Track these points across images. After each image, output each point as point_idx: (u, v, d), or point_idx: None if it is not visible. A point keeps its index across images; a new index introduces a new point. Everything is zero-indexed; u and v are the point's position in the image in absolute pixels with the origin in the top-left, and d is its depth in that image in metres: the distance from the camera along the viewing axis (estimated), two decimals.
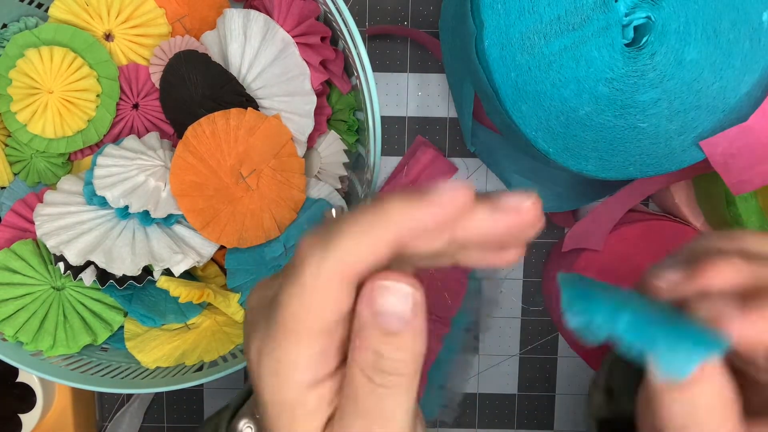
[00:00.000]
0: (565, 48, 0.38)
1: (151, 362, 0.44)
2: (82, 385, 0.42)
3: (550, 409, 0.55)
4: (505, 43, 0.38)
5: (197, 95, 0.44)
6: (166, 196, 0.43)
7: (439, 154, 0.51)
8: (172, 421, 0.54)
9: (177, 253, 0.43)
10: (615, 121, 0.39)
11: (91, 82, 0.44)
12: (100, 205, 0.43)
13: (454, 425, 0.55)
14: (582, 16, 0.37)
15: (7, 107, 0.44)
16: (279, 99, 0.44)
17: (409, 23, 0.50)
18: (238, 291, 0.45)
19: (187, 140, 0.42)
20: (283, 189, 0.44)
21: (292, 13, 0.43)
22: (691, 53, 0.38)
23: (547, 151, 0.40)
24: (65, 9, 0.44)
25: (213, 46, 0.45)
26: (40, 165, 0.46)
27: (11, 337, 0.43)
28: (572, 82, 0.38)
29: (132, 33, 0.45)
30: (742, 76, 0.39)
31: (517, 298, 0.54)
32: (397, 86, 0.51)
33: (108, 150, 0.43)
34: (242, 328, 0.46)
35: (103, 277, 0.43)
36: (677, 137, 0.40)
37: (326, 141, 0.47)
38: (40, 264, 0.44)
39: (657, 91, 0.39)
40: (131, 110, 0.47)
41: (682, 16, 0.38)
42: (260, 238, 0.44)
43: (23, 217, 0.45)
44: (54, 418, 0.50)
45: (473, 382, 0.55)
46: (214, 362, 0.44)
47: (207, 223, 0.43)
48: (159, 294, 0.46)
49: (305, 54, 0.44)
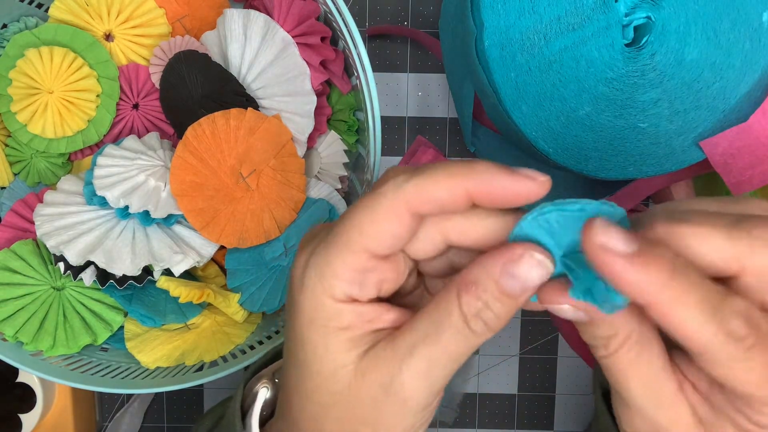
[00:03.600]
0: (565, 48, 0.38)
1: (151, 362, 0.44)
2: (82, 385, 0.42)
3: (550, 409, 0.55)
4: (505, 43, 0.38)
5: (197, 95, 0.44)
6: (166, 196, 0.43)
7: (439, 154, 0.51)
8: (172, 421, 0.54)
9: (177, 253, 0.43)
10: (615, 121, 0.39)
11: (91, 82, 0.44)
12: (100, 205, 0.43)
13: (454, 425, 0.55)
14: (582, 17, 0.37)
15: (7, 107, 0.44)
16: (279, 99, 0.44)
17: (409, 23, 0.50)
18: (238, 291, 0.45)
19: (187, 140, 0.42)
20: (283, 189, 0.44)
21: (292, 13, 0.43)
22: (691, 53, 0.38)
23: (547, 151, 0.40)
24: (65, 9, 0.44)
25: (213, 46, 0.45)
26: (40, 165, 0.46)
27: (11, 337, 0.43)
28: (572, 82, 0.39)
29: (132, 33, 0.45)
30: (742, 76, 0.39)
31: None
32: (397, 86, 0.51)
33: (108, 150, 0.43)
34: (242, 328, 0.46)
35: (103, 277, 0.43)
36: (677, 137, 0.40)
37: (326, 141, 0.47)
38: (40, 264, 0.44)
39: (657, 91, 0.39)
40: (131, 110, 0.47)
41: (682, 16, 0.38)
42: (260, 238, 0.44)
43: (23, 217, 0.45)
44: (54, 418, 0.50)
45: (473, 382, 0.55)
46: (214, 362, 0.44)
47: (207, 223, 0.43)
48: (159, 294, 0.46)
49: (305, 54, 0.44)
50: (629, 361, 0.22)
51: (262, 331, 0.46)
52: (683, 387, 0.22)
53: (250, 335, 0.46)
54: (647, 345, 0.22)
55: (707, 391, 0.22)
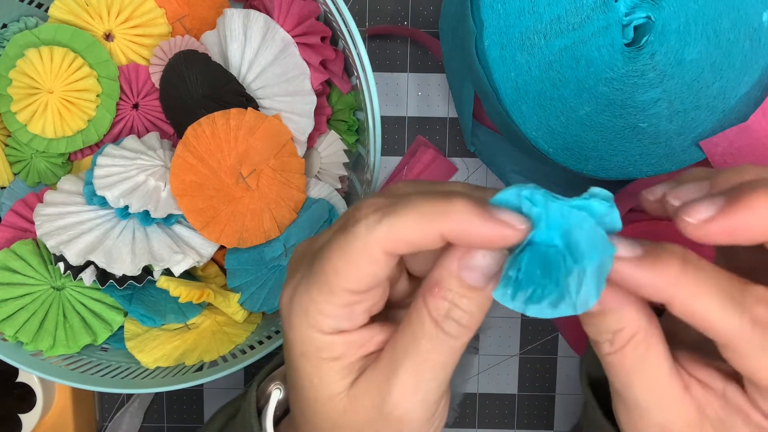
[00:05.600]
0: (565, 48, 0.38)
1: (151, 362, 0.44)
2: (82, 385, 0.42)
3: (550, 409, 0.55)
4: (505, 43, 0.38)
5: (197, 95, 0.44)
6: (166, 196, 0.43)
7: (439, 154, 0.51)
8: (172, 421, 0.54)
9: (177, 253, 0.43)
10: (615, 121, 0.39)
11: (91, 82, 0.44)
12: (100, 205, 0.43)
13: (454, 425, 0.55)
14: (582, 16, 0.37)
15: (7, 107, 0.44)
16: (279, 99, 0.44)
17: (409, 23, 0.50)
18: (238, 291, 0.45)
19: (187, 140, 0.42)
20: (283, 189, 0.44)
21: (292, 13, 0.43)
22: (691, 53, 0.38)
23: (547, 151, 0.40)
24: (65, 9, 0.44)
25: (213, 46, 0.45)
26: (40, 165, 0.46)
27: (11, 337, 0.43)
28: (572, 82, 0.39)
29: (132, 33, 0.45)
30: (742, 76, 0.39)
31: None
32: (397, 86, 0.51)
33: (108, 150, 0.43)
34: (242, 328, 0.46)
35: (103, 277, 0.43)
36: (677, 137, 0.40)
37: (326, 141, 0.47)
38: (40, 264, 0.44)
39: (657, 91, 0.39)
40: (131, 110, 0.47)
41: (682, 16, 0.38)
42: (260, 238, 0.44)
43: (23, 217, 0.45)
44: (54, 418, 0.50)
45: (473, 382, 0.55)
46: (214, 362, 0.44)
47: (207, 223, 0.43)
48: (159, 294, 0.46)
49: (305, 54, 0.44)
50: (635, 360, 0.22)
51: (262, 331, 0.46)
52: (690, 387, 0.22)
53: (250, 335, 0.46)
54: (654, 344, 0.22)
55: (723, 388, 0.22)
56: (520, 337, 0.54)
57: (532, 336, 0.54)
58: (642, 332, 0.21)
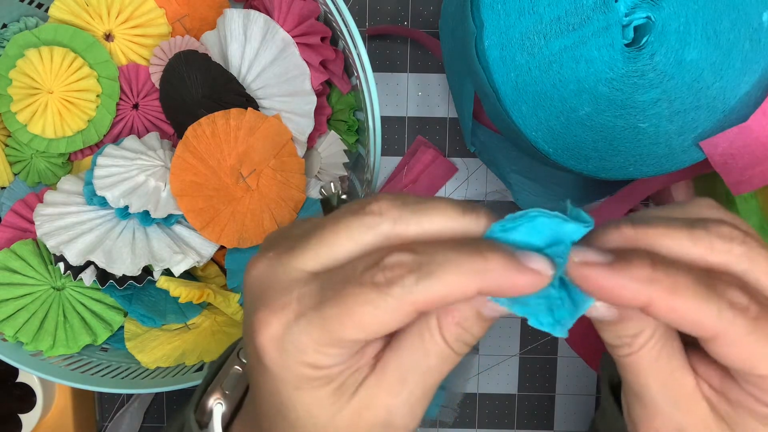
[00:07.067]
0: (565, 48, 0.38)
1: (151, 362, 0.44)
2: (82, 385, 0.42)
3: (550, 409, 0.55)
4: (505, 43, 0.38)
5: (197, 95, 0.44)
6: (166, 196, 0.43)
7: (439, 154, 0.51)
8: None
9: (177, 253, 0.43)
10: (615, 121, 0.39)
11: (91, 82, 0.44)
12: (100, 205, 0.43)
13: (454, 425, 0.55)
14: (582, 17, 0.37)
15: (7, 107, 0.44)
16: (279, 99, 0.44)
17: (409, 23, 0.50)
18: (238, 291, 0.45)
19: (187, 140, 0.42)
20: (283, 189, 0.44)
21: (292, 13, 0.43)
22: (691, 53, 0.38)
23: (547, 151, 0.40)
24: (65, 9, 0.44)
25: (213, 46, 0.45)
26: (40, 165, 0.46)
27: (11, 337, 0.43)
28: (572, 82, 0.39)
29: (132, 33, 0.45)
30: (742, 77, 0.39)
31: None
32: (397, 86, 0.51)
33: (108, 150, 0.43)
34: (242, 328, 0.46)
35: (103, 277, 0.43)
36: (677, 137, 0.40)
37: (326, 141, 0.47)
38: (40, 264, 0.44)
39: (657, 91, 0.39)
40: (131, 110, 0.47)
41: (682, 16, 0.38)
42: (260, 238, 0.44)
43: (23, 217, 0.45)
44: (54, 418, 0.50)
45: (473, 382, 0.55)
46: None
47: (207, 223, 0.43)
48: (159, 294, 0.46)
49: (305, 54, 0.44)
50: (651, 359, 0.22)
51: None
52: (700, 384, 0.23)
53: None
54: (669, 342, 0.22)
55: (720, 385, 0.22)
56: (520, 337, 0.54)
57: (532, 336, 0.54)
58: (660, 331, 0.22)
